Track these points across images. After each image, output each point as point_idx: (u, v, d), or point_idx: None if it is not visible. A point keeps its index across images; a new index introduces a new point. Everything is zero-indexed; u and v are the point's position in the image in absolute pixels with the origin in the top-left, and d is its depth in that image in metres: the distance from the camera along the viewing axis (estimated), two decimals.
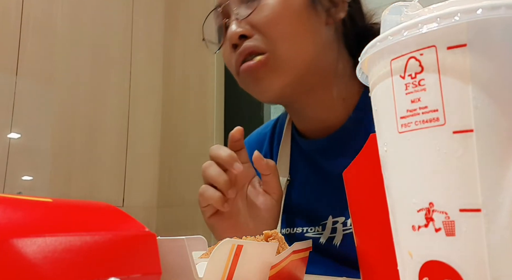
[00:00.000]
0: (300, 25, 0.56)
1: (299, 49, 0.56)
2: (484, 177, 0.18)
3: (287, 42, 0.55)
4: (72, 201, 0.26)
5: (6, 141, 1.55)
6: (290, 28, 0.56)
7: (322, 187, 0.63)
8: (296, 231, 0.64)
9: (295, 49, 0.56)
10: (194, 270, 0.28)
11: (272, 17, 0.55)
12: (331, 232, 0.60)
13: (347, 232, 0.59)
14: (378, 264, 0.33)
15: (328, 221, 0.61)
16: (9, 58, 1.58)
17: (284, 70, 0.56)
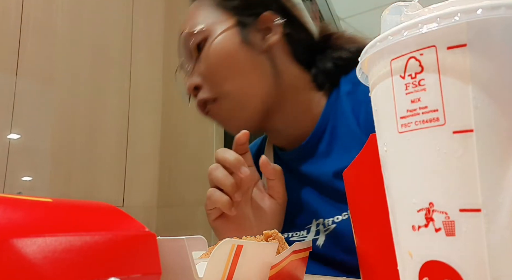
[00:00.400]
0: (238, 65, 0.61)
1: (246, 86, 0.61)
2: (484, 177, 0.18)
3: (232, 84, 0.61)
4: (72, 201, 0.26)
5: (6, 141, 1.55)
6: (230, 71, 0.61)
7: (303, 192, 0.65)
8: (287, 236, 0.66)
9: (242, 87, 0.61)
10: (194, 270, 0.28)
11: (210, 67, 0.61)
12: (315, 234, 0.63)
13: (328, 232, 0.61)
14: (378, 264, 0.33)
15: (312, 224, 0.63)
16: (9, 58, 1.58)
17: (240, 108, 0.61)
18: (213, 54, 0.61)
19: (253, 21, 0.63)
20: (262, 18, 0.63)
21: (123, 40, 1.98)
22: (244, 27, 0.62)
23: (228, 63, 0.61)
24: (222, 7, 0.64)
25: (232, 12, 0.63)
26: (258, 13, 0.63)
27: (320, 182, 0.62)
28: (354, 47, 0.65)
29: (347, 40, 0.67)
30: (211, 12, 0.64)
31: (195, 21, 0.63)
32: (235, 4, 0.64)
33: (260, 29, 0.63)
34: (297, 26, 0.66)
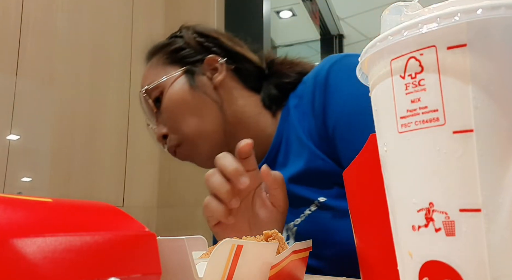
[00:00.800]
0: (190, 108, 0.69)
1: (200, 125, 0.69)
2: (484, 177, 0.18)
3: (189, 126, 0.69)
4: (72, 201, 0.26)
5: (5, 142, 1.55)
6: (186, 115, 0.69)
7: None
8: None
9: (196, 127, 0.69)
10: (194, 270, 0.28)
11: (169, 116, 0.70)
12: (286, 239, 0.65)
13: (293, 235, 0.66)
14: (378, 264, 0.33)
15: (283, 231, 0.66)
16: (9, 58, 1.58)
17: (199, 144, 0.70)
18: (168, 104, 0.70)
19: (199, 66, 0.72)
20: (206, 62, 0.72)
21: (123, 40, 1.98)
22: (191, 74, 0.71)
23: (182, 109, 0.69)
24: (171, 61, 0.73)
25: (180, 64, 0.72)
26: (202, 59, 0.72)
27: None
28: (293, 71, 0.74)
29: (288, 65, 0.76)
30: (162, 68, 0.73)
31: (150, 79, 0.73)
32: (181, 56, 0.73)
33: (206, 71, 0.72)
34: (241, 60, 0.75)
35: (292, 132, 0.68)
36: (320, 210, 0.63)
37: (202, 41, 0.74)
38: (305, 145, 0.64)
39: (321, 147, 0.63)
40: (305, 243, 0.40)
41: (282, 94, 0.73)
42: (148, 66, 0.76)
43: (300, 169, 0.64)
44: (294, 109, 0.69)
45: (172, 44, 0.75)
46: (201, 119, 0.69)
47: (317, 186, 0.63)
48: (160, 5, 2.08)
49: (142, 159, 2.01)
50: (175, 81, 0.71)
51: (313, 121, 0.64)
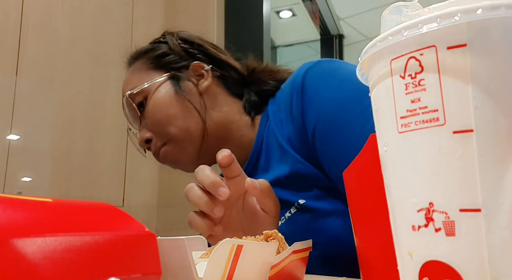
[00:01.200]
0: (175, 112, 0.70)
1: (183, 128, 0.70)
2: (484, 177, 0.18)
3: (171, 129, 0.70)
4: (72, 201, 0.26)
5: (5, 142, 1.55)
6: (169, 119, 0.70)
7: None
8: None
9: (179, 130, 0.70)
10: (194, 270, 0.28)
11: (154, 119, 0.71)
12: None
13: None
14: (378, 264, 0.33)
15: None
16: (9, 58, 1.58)
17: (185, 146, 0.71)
18: (154, 108, 0.71)
19: (184, 72, 0.73)
20: (192, 68, 0.73)
21: (123, 40, 1.98)
22: (177, 79, 0.72)
23: (167, 112, 0.70)
24: (155, 66, 0.74)
25: (164, 69, 0.73)
26: (187, 65, 0.73)
27: None
28: (272, 78, 0.76)
29: (267, 73, 0.78)
30: (146, 73, 0.74)
31: (133, 84, 0.73)
32: (166, 61, 0.74)
33: (191, 77, 0.73)
34: (225, 67, 0.76)
35: (272, 138, 0.69)
36: (299, 212, 0.64)
37: (187, 47, 0.75)
38: (286, 151, 0.65)
39: (300, 152, 0.64)
40: (305, 243, 0.40)
41: (261, 100, 0.75)
42: (131, 70, 0.77)
43: (284, 174, 0.65)
44: (273, 115, 0.70)
45: (155, 50, 0.76)
46: (186, 123, 0.70)
47: (297, 189, 0.64)
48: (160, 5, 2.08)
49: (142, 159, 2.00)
50: (160, 86, 0.72)
51: (292, 127, 0.65)
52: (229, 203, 0.58)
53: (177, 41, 0.76)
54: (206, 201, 0.54)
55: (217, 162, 0.57)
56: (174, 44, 0.75)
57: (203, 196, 0.55)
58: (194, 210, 0.57)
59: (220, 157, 0.56)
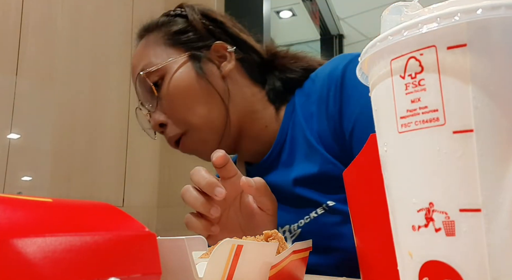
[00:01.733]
0: (196, 98, 0.64)
1: (206, 116, 0.65)
2: (484, 177, 0.18)
3: (193, 116, 0.64)
4: (72, 201, 0.26)
5: (6, 141, 1.55)
6: (189, 105, 0.64)
7: None
8: None
9: (202, 118, 0.64)
10: (194, 270, 0.28)
11: (172, 104, 0.65)
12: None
13: (294, 237, 0.64)
14: (378, 264, 0.33)
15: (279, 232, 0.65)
16: (9, 58, 1.58)
17: (205, 136, 0.65)
18: (173, 91, 0.64)
19: (205, 53, 0.66)
20: (214, 48, 0.67)
21: (123, 40, 1.98)
22: (198, 60, 0.66)
23: (188, 97, 0.64)
24: (172, 43, 0.67)
25: (183, 47, 0.66)
26: (209, 44, 0.67)
27: (283, 191, 0.65)
28: (297, 66, 0.70)
29: (291, 58, 0.72)
30: (163, 50, 0.67)
31: (148, 60, 0.66)
32: (185, 39, 0.67)
33: (213, 58, 0.67)
34: (247, 49, 0.70)
35: (298, 132, 0.65)
36: (328, 214, 0.61)
37: (208, 24, 0.68)
38: (315, 149, 0.61)
39: (332, 150, 0.61)
40: (305, 243, 0.40)
41: (286, 89, 0.70)
42: (144, 43, 0.70)
43: (311, 173, 0.62)
44: (301, 107, 0.66)
45: (173, 24, 0.69)
46: (208, 109, 0.65)
47: (325, 190, 0.61)
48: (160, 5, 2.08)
49: (142, 159, 2.01)
50: (180, 66, 0.65)
51: (325, 123, 0.61)
52: (226, 203, 0.58)
53: (198, 16, 0.68)
54: (202, 202, 0.54)
55: (212, 163, 0.56)
56: (195, 19, 0.68)
57: (199, 197, 0.54)
58: (191, 211, 0.57)
59: (215, 158, 0.55)
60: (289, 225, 0.65)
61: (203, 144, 0.66)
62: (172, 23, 0.69)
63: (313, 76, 0.67)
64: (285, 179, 0.65)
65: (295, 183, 0.63)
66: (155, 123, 0.67)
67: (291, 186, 0.64)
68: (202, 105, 0.64)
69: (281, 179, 0.65)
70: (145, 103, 0.69)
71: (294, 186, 0.63)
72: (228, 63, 0.67)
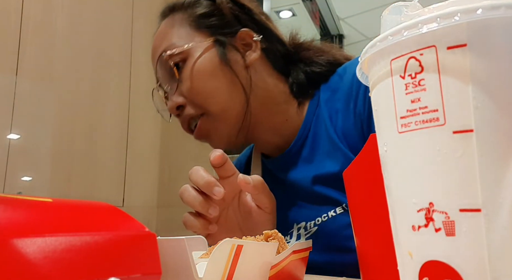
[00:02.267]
0: (218, 84, 0.63)
1: (225, 103, 0.63)
2: (484, 177, 0.18)
3: (213, 102, 0.62)
4: (72, 201, 0.26)
5: (6, 141, 1.55)
6: (210, 91, 0.62)
7: (284, 199, 0.66)
8: None
9: (221, 105, 0.63)
10: (194, 270, 0.28)
11: (193, 88, 0.62)
12: (297, 238, 0.64)
13: (309, 234, 0.63)
14: (378, 264, 0.33)
15: (293, 229, 0.65)
16: (9, 58, 1.58)
17: (221, 123, 0.63)
18: (195, 76, 0.62)
19: (230, 39, 0.64)
20: (240, 36, 0.65)
21: (123, 40, 1.98)
22: (223, 46, 0.63)
23: (210, 84, 0.62)
24: (197, 26, 0.65)
25: (208, 31, 0.64)
26: (235, 31, 0.65)
27: (302, 187, 0.64)
28: (322, 59, 0.67)
29: (316, 51, 0.69)
30: (187, 32, 0.65)
31: (171, 41, 0.64)
32: (211, 23, 0.65)
33: (238, 46, 0.65)
34: (273, 39, 0.67)
35: (321, 128, 0.64)
36: (346, 214, 0.60)
37: (236, 9, 0.66)
38: (337, 147, 0.60)
39: (356, 150, 0.59)
40: (305, 243, 0.40)
41: (310, 83, 0.67)
42: (167, 23, 0.68)
43: (332, 171, 0.61)
44: (326, 103, 0.64)
45: (200, 6, 0.66)
46: (229, 97, 0.63)
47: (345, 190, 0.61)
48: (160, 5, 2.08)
49: (142, 159, 2.01)
50: (203, 51, 0.63)
51: (352, 121, 0.60)
52: (225, 203, 0.58)
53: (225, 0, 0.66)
54: (200, 202, 0.54)
55: (210, 163, 0.55)
56: (222, 3, 0.65)
57: (197, 197, 0.54)
58: (189, 211, 0.57)
59: (212, 158, 0.55)
60: (305, 222, 0.64)
61: (218, 131, 0.64)
62: (198, 5, 0.66)
63: (341, 71, 0.65)
64: (305, 175, 0.64)
65: (315, 181, 0.62)
66: (173, 105, 0.64)
67: (310, 183, 0.63)
68: (223, 93, 0.63)
69: (301, 176, 0.64)
70: (164, 84, 0.66)
71: (313, 183, 0.62)
72: (253, 52, 0.65)
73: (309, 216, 0.63)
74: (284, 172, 0.67)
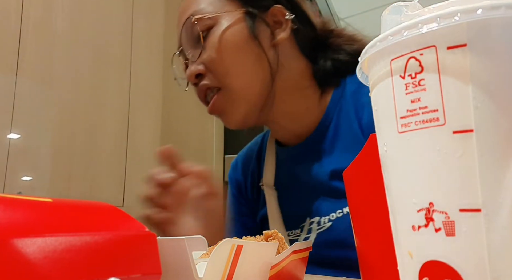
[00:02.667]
0: (243, 58, 0.60)
1: (248, 80, 0.60)
2: (484, 177, 0.18)
3: (235, 76, 0.60)
4: (72, 201, 0.26)
5: (6, 141, 1.55)
6: (234, 64, 0.60)
7: (297, 191, 0.65)
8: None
9: (244, 81, 0.60)
10: (194, 270, 0.28)
11: (215, 56, 0.59)
12: (307, 232, 0.63)
13: (322, 230, 0.61)
14: (378, 264, 0.33)
15: (305, 223, 0.63)
16: (9, 58, 1.58)
17: (239, 100, 0.61)
18: (220, 46, 0.59)
19: (262, 14, 0.61)
20: (272, 11, 0.62)
21: (123, 40, 1.98)
22: (253, 20, 0.61)
23: (235, 55, 0.60)
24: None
25: (240, 2, 0.61)
26: (267, 6, 0.62)
27: (318, 180, 0.62)
28: (353, 49, 0.64)
29: (346, 39, 0.66)
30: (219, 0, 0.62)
31: (199, 6, 0.61)
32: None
33: (268, 22, 0.62)
34: (304, 21, 0.64)
35: (345, 121, 0.61)
36: None
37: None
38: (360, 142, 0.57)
39: None
40: (305, 243, 0.40)
41: (336, 72, 0.64)
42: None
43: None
44: (351, 96, 0.61)
45: None
46: (252, 74, 0.60)
47: None
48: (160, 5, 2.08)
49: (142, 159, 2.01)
50: (233, 21, 0.60)
51: None
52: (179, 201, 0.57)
53: None
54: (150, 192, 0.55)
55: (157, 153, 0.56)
56: None
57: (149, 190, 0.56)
58: None
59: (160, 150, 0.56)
60: (320, 217, 0.62)
61: (235, 109, 0.61)
62: None
63: None
64: (323, 168, 0.62)
65: (333, 175, 0.60)
66: (192, 72, 0.61)
67: (327, 177, 0.61)
68: (246, 68, 0.60)
69: (318, 168, 0.63)
70: (186, 50, 0.63)
71: (331, 178, 0.60)
72: (282, 31, 0.62)
73: (323, 211, 0.62)
74: (300, 163, 0.65)
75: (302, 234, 0.63)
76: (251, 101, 0.61)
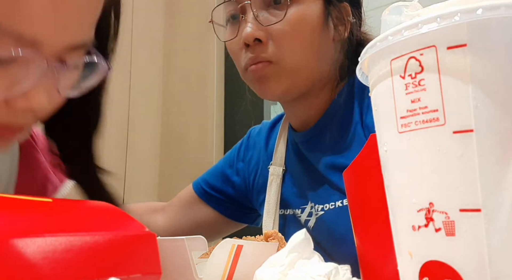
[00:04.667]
0: (311, 41, 0.60)
1: (305, 62, 0.60)
2: (484, 177, 0.18)
3: (296, 55, 0.59)
4: (72, 201, 0.26)
5: None
6: (302, 43, 0.59)
7: (304, 174, 0.66)
8: (289, 213, 0.68)
9: (301, 62, 0.59)
10: (194, 270, 0.28)
11: (289, 31, 0.58)
12: (308, 215, 0.64)
13: (318, 216, 0.63)
14: (378, 264, 0.33)
15: (307, 206, 0.65)
16: None
17: (287, 78, 0.60)
18: (299, 23, 0.58)
19: (337, 5, 0.61)
20: (342, 6, 0.62)
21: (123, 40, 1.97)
22: (329, 10, 0.60)
23: (304, 36, 0.59)
24: None
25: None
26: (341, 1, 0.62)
27: (318, 169, 0.64)
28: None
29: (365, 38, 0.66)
30: None
31: None
32: None
33: (338, 16, 0.62)
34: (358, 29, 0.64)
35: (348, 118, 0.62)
36: None
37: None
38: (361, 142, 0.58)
39: None
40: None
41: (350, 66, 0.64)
42: None
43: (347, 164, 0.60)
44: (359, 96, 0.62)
45: None
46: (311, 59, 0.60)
47: None
48: (160, 5, 2.07)
49: (142, 159, 2.00)
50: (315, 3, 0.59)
51: None
52: None
53: None
54: None
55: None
56: None
57: None
58: None
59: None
60: (315, 204, 0.64)
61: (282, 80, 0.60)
62: None
63: None
64: (323, 159, 0.63)
65: (330, 167, 0.62)
66: (254, 35, 0.58)
67: (326, 168, 0.62)
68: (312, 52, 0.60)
69: (320, 157, 0.64)
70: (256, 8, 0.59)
71: (328, 169, 0.62)
72: (344, 31, 0.62)
73: (318, 199, 0.63)
74: (307, 149, 0.67)
75: (302, 215, 0.65)
76: (297, 83, 0.61)
